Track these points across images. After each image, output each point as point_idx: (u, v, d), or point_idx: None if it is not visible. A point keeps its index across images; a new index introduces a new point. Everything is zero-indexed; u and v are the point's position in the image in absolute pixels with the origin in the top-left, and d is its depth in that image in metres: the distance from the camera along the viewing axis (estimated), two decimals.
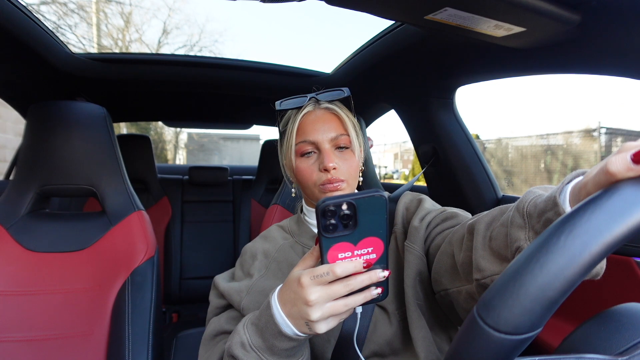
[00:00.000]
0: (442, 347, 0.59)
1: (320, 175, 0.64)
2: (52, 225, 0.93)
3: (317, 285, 0.41)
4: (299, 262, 0.46)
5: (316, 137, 0.64)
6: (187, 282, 1.99)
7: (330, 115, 0.67)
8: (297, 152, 0.66)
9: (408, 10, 0.61)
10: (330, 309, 0.42)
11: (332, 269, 0.41)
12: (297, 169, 0.66)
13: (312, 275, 0.42)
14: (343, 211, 0.40)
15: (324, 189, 0.64)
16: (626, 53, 0.64)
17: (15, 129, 3.99)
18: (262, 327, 0.46)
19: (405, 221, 0.67)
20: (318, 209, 0.40)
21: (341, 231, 0.41)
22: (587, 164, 5.34)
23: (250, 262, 0.70)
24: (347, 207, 0.40)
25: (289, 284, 0.44)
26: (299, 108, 0.68)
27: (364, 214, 0.41)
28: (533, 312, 0.25)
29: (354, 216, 0.41)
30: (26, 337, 0.81)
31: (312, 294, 0.41)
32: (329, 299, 0.41)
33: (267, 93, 1.51)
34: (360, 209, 0.40)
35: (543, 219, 0.37)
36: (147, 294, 0.88)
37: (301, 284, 0.42)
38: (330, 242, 0.42)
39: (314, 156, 0.66)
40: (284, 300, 0.45)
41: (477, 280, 0.44)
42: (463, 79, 1.07)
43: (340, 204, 0.40)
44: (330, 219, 0.40)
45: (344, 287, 0.41)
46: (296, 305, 0.43)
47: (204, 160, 12.36)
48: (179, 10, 14.80)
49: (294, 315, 0.43)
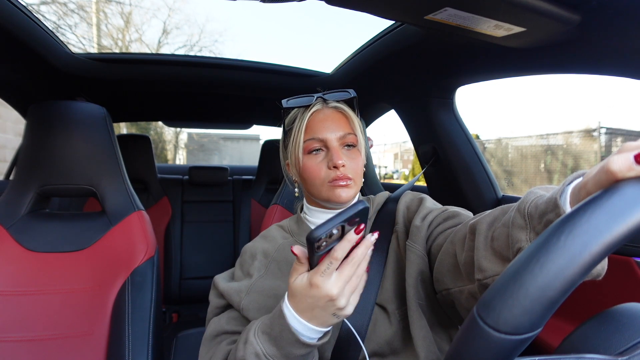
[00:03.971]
0: (442, 347, 0.59)
1: (328, 173, 0.64)
2: (52, 225, 0.93)
3: (329, 278, 0.44)
4: (292, 273, 0.48)
5: (325, 135, 0.65)
6: (187, 282, 1.99)
7: (338, 115, 0.67)
8: (305, 149, 0.66)
9: (408, 10, 0.61)
10: (349, 289, 0.45)
11: (332, 257, 0.43)
12: (305, 167, 0.66)
13: (319, 273, 0.44)
14: (333, 233, 0.43)
15: (335, 184, 0.63)
16: (626, 53, 0.64)
17: (15, 129, 3.99)
18: (275, 336, 0.47)
19: (407, 220, 0.67)
20: (307, 239, 0.41)
21: (331, 244, 0.44)
22: (587, 164, 5.34)
23: (249, 262, 0.70)
24: (337, 230, 0.43)
25: (301, 292, 0.46)
26: (306, 106, 0.68)
27: (351, 226, 0.44)
28: (533, 312, 0.25)
29: (341, 232, 0.44)
30: (26, 337, 0.81)
31: (331, 288, 0.44)
32: (345, 283, 0.44)
33: (267, 93, 1.51)
34: (348, 227, 0.43)
35: (544, 220, 0.37)
36: (147, 294, 0.88)
37: (315, 285, 0.44)
38: (320, 254, 0.45)
39: (321, 154, 0.66)
40: (301, 309, 0.46)
41: (479, 280, 0.45)
42: (463, 79, 1.07)
43: (329, 231, 0.42)
44: (321, 243, 0.43)
45: (352, 266, 0.44)
46: (318, 306, 0.45)
47: (204, 160, 12.36)
48: (179, 10, 14.80)
49: (319, 316, 0.46)
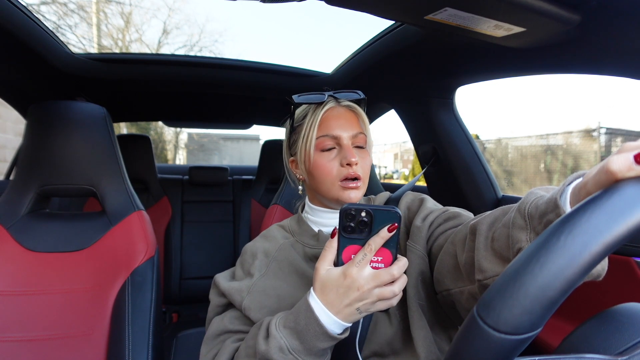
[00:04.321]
0: (442, 347, 0.59)
1: (341, 170, 0.64)
2: (52, 225, 0.93)
3: (363, 269, 0.46)
4: (320, 259, 0.49)
5: (338, 133, 0.65)
6: (187, 282, 1.99)
7: (351, 114, 0.68)
8: (317, 146, 0.66)
9: (408, 10, 0.61)
10: (379, 294, 0.46)
11: (366, 249, 0.46)
12: (316, 164, 0.65)
13: (355, 264, 0.46)
14: (361, 217, 0.46)
15: (346, 185, 0.63)
16: (626, 53, 0.64)
17: (15, 129, 3.98)
18: (300, 330, 0.48)
19: (407, 221, 0.67)
20: (341, 210, 0.46)
21: (357, 235, 0.47)
22: (587, 164, 5.34)
23: (250, 261, 0.69)
24: (366, 214, 0.46)
25: (333, 282, 0.47)
26: (318, 104, 0.68)
27: (379, 225, 0.46)
28: (533, 312, 0.25)
29: (369, 224, 0.46)
30: (26, 337, 0.81)
31: (365, 281, 0.46)
32: (377, 282, 0.46)
33: (267, 93, 1.51)
34: (376, 220, 0.46)
35: (544, 221, 0.37)
36: (147, 294, 0.88)
37: (349, 275, 0.46)
38: (345, 242, 0.48)
39: (334, 152, 0.66)
40: (329, 301, 0.48)
41: (479, 281, 0.45)
42: (463, 79, 1.07)
43: (361, 210, 0.46)
44: (349, 222, 0.46)
45: (388, 275, 0.46)
46: (347, 297, 0.46)
47: (204, 160, 12.35)
48: (179, 10, 14.80)
49: (344, 310, 0.47)
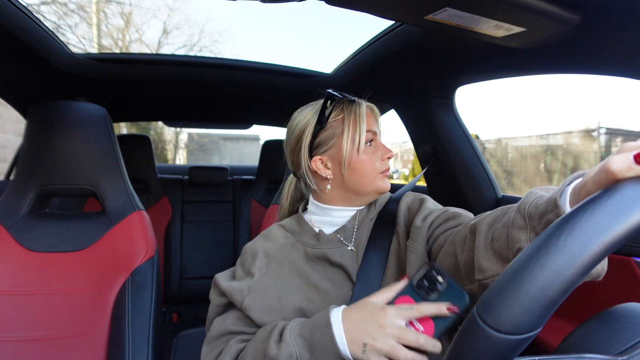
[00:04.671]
0: (442, 347, 0.59)
1: (382, 164, 0.68)
2: (52, 225, 0.93)
3: (398, 318, 0.47)
4: (378, 292, 0.52)
5: (375, 128, 0.68)
6: (187, 282, 1.99)
7: (374, 113, 0.71)
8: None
9: (408, 10, 0.61)
10: (392, 347, 0.46)
11: (416, 307, 0.48)
12: (362, 159, 0.66)
13: (397, 308, 0.48)
14: (437, 280, 0.48)
15: (385, 174, 0.69)
16: (626, 53, 0.64)
17: (15, 129, 3.98)
18: (314, 343, 0.48)
19: (408, 221, 0.68)
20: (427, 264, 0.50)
21: (421, 292, 0.49)
22: (587, 164, 5.33)
23: (250, 261, 0.69)
24: (442, 282, 0.48)
25: (369, 308, 0.49)
26: (351, 101, 0.69)
27: (445, 298, 0.48)
28: (533, 312, 0.25)
29: (438, 291, 0.48)
30: (26, 337, 0.81)
31: (393, 326, 0.47)
32: (397, 337, 0.46)
33: (267, 93, 1.51)
34: (446, 291, 0.48)
35: (544, 221, 0.37)
36: (147, 294, 0.88)
37: (385, 312, 0.48)
38: (408, 291, 0.50)
39: (373, 146, 0.68)
40: (352, 320, 0.48)
41: (479, 281, 0.45)
42: (463, 79, 1.07)
43: (442, 275, 0.49)
44: (424, 278, 0.49)
45: (415, 340, 0.46)
46: (366, 325, 0.47)
47: (204, 160, 12.34)
48: (179, 10, 14.76)
49: (356, 330, 0.48)
